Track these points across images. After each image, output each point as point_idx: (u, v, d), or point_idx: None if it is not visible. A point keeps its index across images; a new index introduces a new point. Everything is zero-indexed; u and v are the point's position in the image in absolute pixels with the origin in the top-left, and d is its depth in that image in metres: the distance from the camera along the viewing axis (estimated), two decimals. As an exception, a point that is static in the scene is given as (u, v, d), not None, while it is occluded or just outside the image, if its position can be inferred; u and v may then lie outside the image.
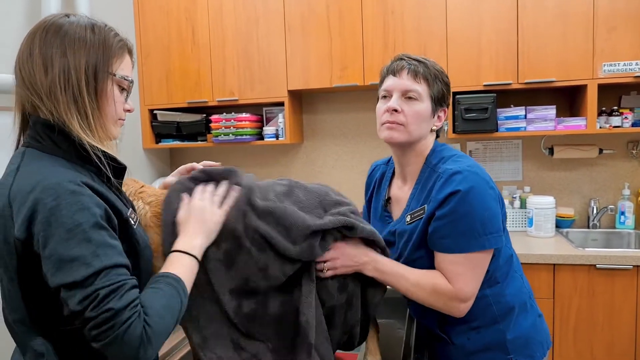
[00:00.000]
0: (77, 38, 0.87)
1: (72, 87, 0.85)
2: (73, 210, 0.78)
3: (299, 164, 3.18)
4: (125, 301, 0.76)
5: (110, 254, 0.79)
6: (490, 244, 1.15)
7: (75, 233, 0.77)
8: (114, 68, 0.91)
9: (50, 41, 0.86)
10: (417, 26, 2.59)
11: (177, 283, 0.88)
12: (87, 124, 0.87)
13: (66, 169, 0.84)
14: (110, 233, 0.82)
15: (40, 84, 0.85)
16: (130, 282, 0.80)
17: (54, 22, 0.88)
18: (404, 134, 1.23)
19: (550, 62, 2.44)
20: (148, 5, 2.98)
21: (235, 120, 2.88)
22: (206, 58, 2.90)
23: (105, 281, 0.76)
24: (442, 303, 1.17)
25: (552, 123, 2.49)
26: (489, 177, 1.19)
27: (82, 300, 0.75)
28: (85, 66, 0.86)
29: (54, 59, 0.85)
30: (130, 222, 0.91)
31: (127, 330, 0.75)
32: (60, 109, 0.85)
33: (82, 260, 0.76)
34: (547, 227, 2.51)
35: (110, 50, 0.90)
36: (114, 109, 0.92)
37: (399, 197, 1.35)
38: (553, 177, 2.80)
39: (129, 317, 0.75)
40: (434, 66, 1.26)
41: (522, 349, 1.27)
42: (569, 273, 2.22)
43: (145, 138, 3.08)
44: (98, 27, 0.90)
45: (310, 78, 2.76)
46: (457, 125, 2.53)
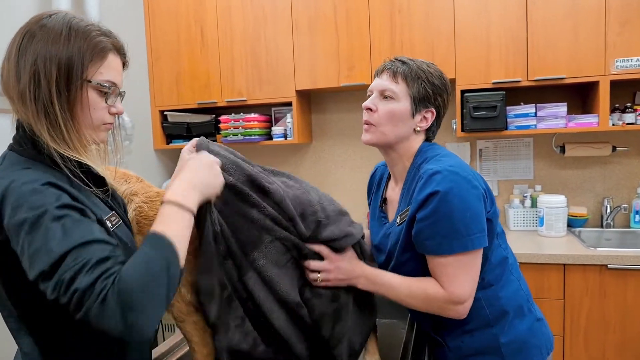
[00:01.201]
0: (51, 42, 0.83)
1: (43, 96, 0.82)
2: (35, 206, 0.76)
3: (308, 164, 3.18)
4: (90, 278, 0.71)
5: (75, 237, 0.75)
6: (473, 245, 1.13)
7: (38, 225, 0.75)
8: (89, 74, 0.86)
9: (25, 46, 0.83)
10: (424, 24, 2.57)
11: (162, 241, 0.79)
12: (60, 133, 0.84)
13: (40, 172, 0.82)
14: (77, 215, 0.78)
15: (12, 90, 0.84)
16: (97, 256, 0.74)
17: (33, 24, 0.86)
18: (375, 135, 1.25)
19: (560, 58, 2.40)
20: (158, 9, 3.02)
21: (243, 121, 2.90)
22: (215, 59, 2.93)
23: (69, 263, 0.73)
24: (438, 308, 1.16)
25: (563, 121, 2.45)
26: (473, 175, 1.16)
27: (53, 288, 0.73)
28: (56, 75, 0.82)
29: (25, 65, 0.83)
30: (106, 224, 0.87)
31: (101, 303, 0.70)
32: (30, 117, 0.83)
33: (44, 249, 0.74)
34: (558, 227, 2.47)
35: (86, 54, 0.85)
36: (89, 116, 0.87)
37: (393, 198, 1.35)
38: (565, 176, 2.75)
39: (99, 291, 0.71)
40: (420, 67, 1.23)
41: (517, 353, 1.25)
42: (580, 273, 2.18)
43: (156, 139, 3.12)
44: (76, 28, 0.86)
45: (318, 78, 2.77)
46: (466, 123, 2.50)
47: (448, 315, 1.16)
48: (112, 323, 0.70)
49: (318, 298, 1.11)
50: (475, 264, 1.16)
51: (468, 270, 1.14)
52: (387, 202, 1.39)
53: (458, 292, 1.13)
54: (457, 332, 1.26)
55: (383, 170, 1.46)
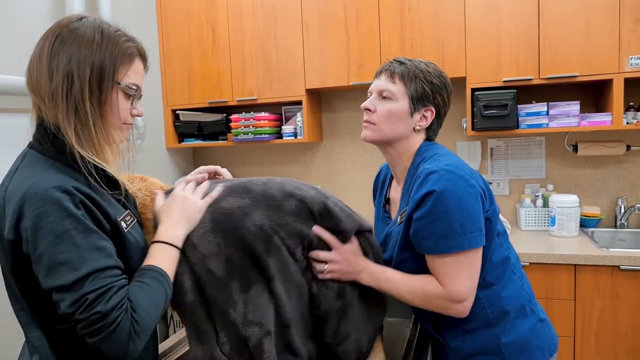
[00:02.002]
0: (85, 46, 0.87)
1: (75, 95, 0.86)
2: (61, 217, 0.80)
3: (318, 163, 3.19)
4: (112, 303, 0.80)
5: (97, 257, 0.82)
6: (470, 244, 1.12)
7: (63, 238, 0.80)
8: (119, 76, 0.90)
9: (58, 47, 0.87)
10: (434, 22, 2.56)
11: (162, 277, 0.91)
12: (88, 131, 0.88)
13: (60, 173, 0.86)
14: (99, 235, 0.84)
15: (44, 89, 0.87)
16: (118, 284, 0.83)
17: (65, 26, 0.89)
18: (375, 133, 1.26)
19: (573, 55, 2.36)
20: (170, 9, 3.06)
21: (254, 120, 2.92)
22: (226, 59, 2.95)
23: (93, 285, 0.80)
24: (438, 306, 1.16)
25: (575, 119, 2.41)
26: (470, 174, 1.16)
27: (72, 303, 0.79)
28: (89, 76, 0.87)
29: (59, 66, 0.86)
30: (121, 225, 0.92)
31: (115, 329, 0.79)
32: (59, 116, 0.87)
33: (70, 265, 0.80)
34: (570, 227, 2.44)
35: (117, 58, 0.90)
36: (117, 116, 0.92)
37: (395, 198, 1.36)
38: (578, 175, 2.71)
39: (116, 317, 0.80)
40: (417, 66, 1.24)
41: (518, 353, 1.24)
42: (591, 274, 2.15)
43: (168, 138, 3.16)
44: (107, 33, 0.90)
45: (328, 77, 2.77)
46: (476, 122, 2.49)
47: (449, 313, 1.16)
48: (117, 345, 0.81)
49: (324, 293, 1.11)
50: (474, 262, 1.16)
51: (466, 268, 1.14)
52: (390, 202, 1.40)
53: (458, 291, 1.13)
54: (458, 332, 1.26)
55: (387, 171, 1.47)
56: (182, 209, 1.01)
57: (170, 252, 0.95)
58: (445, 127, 2.89)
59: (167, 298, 0.90)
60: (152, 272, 0.90)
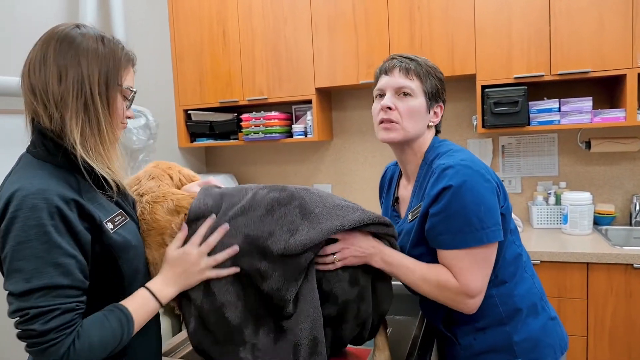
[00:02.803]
0: (90, 50, 0.92)
1: (85, 95, 0.91)
2: (29, 225, 0.81)
3: (329, 161, 3.20)
4: (51, 325, 0.80)
5: (52, 274, 0.82)
6: (488, 238, 1.12)
7: (25, 247, 0.81)
8: (121, 79, 0.96)
9: (65, 51, 0.91)
10: (444, 19, 2.54)
11: (127, 323, 0.91)
12: (97, 128, 0.93)
13: (48, 176, 0.88)
14: (63, 250, 0.84)
15: (52, 91, 0.90)
16: (65, 307, 0.83)
17: (67, 33, 0.93)
18: (400, 132, 1.23)
19: (585, 51, 2.33)
20: (182, 11, 3.09)
21: (264, 119, 2.94)
22: (236, 59, 2.98)
23: (39, 301, 0.81)
24: (448, 298, 1.15)
25: (588, 115, 2.38)
26: (485, 169, 1.16)
27: (14, 311, 0.82)
28: (98, 76, 0.92)
29: (68, 68, 0.90)
30: (105, 227, 0.92)
31: (48, 349, 0.80)
32: (66, 115, 0.90)
33: (23, 275, 0.81)
34: (583, 224, 2.40)
35: (119, 62, 0.96)
36: (119, 116, 0.98)
37: (405, 197, 1.35)
38: (592, 172, 2.67)
39: (52, 338, 0.80)
40: (426, 63, 1.26)
41: (529, 351, 1.23)
42: (604, 272, 2.12)
43: (181, 137, 3.20)
44: (107, 40, 0.96)
45: (337, 75, 2.78)
46: (487, 119, 2.47)
47: (458, 307, 1.16)
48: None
49: (338, 287, 1.10)
50: (489, 258, 1.15)
51: (481, 264, 1.14)
52: (399, 200, 1.39)
53: (471, 285, 1.12)
54: (469, 329, 1.25)
55: (394, 170, 1.47)
56: (186, 271, 1.02)
57: (151, 304, 0.97)
58: (455, 124, 2.88)
59: (120, 344, 0.90)
60: (122, 314, 0.91)
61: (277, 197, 1.08)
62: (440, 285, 1.15)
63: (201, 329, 1.04)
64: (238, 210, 1.06)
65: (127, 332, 0.91)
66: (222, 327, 1.03)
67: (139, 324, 0.94)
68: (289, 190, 1.10)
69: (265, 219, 1.05)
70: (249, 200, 1.07)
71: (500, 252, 1.21)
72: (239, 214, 1.06)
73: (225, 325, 1.03)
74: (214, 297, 1.03)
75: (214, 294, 1.03)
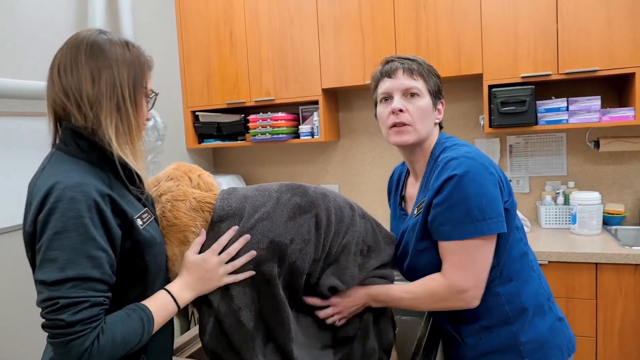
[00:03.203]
0: (119, 55, 0.98)
1: (117, 96, 0.97)
2: (67, 216, 0.85)
3: (336, 162, 3.20)
4: (79, 317, 0.82)
5: (85, 265, 0.85)
6: (490, 229, 1.11)
7: (61, 237, 0.84)
8: (145, 82, 1.03)
9: (96, 55, 0.96)
10: (450, 19, 2.54)
11: (148, 322, 0.93)
12: (129, 126, 0.99)
13: (83, 172, 0.92)
14: (97, 244, 0.87)
15: (86, 93, 0.95)
16: (94, 300, 0.85)
17: (95, 39, 0.98)
18: (413, 134, 1.24)
19: (593, 49, 2.31)
20: (189, 12, 3.12)
21: (271, 120, 2.95)
22: (243, 60, 2.99)
23: (70, 292, 0.83)
24: (445, 300, 1.16)
25: (596, 114, 2.36)
26: (489, 162, 1.16)
27: (44, 300, 0.83)
28: (127, 79, 0.98)
29: (100, 71, 0.96)
30: (136, 223, 0.97)
31: (73, 341, 0.82)
32: (101, 115, 0.95)
33: (57, 264, 0.83)
34: (592, 224, 2.38)
35: (143, 66, 1.02)
36: (143, 116, 1.04)
37: (412, 195, 1.35)
38: (601, 172, 2.65)
39: (79, 331, 0.82)
40: (425, 62, 1.28)
41: (536, 352, 1.22)
42: (613, 273, 2.10)
43: (189, 138, 3.22)
44: (131, 45, 1.02)
45: (344, 76, 2.78)
46: (493, 119, 2.46)
47: (458, 305, 1.16)
48: (68, 355, 0.82)
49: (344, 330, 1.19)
50: (487, 252, 1.15)
51: (477, 257, 1.14)
52: (406, 199, 1.40)
53: (458, 280, 1.13)
54: (475, 328, 1.25)
55: (401, 170, 1.48)
56: (204, 277, 1.05)
57: (170, 307, 1.00)
58: (462, 124, 2.87)
59: (140, 343, 0.92)
60: (143, 313, 0.94)
61: (299, 203, 1.12)
62: (432, 295, 1.17)
63: (217, 331, 1.07)
64: (263, 214, 1.09)
65: (147, 331, 0.93)
66: (236, 330, 1.06)
67: (158, 325, 0.97)
68: (310, 195, 1.14)
69: (288, 225, 1.09)
70: (273, 205, 1.10)
71: (506, 247, 1.20)
72: (264, 218, 1.09)
73: (239, 328, 1.06)
74: (231, 300, 1.06)
75: (231, 297, 1.06)
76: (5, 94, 1.97)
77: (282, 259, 1.08)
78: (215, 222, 1.08)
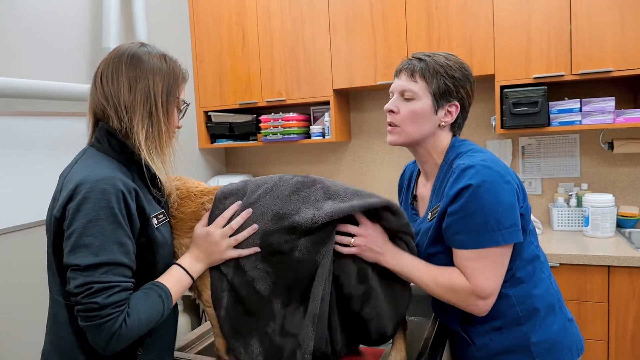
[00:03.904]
0: (155, 66, 1.07)
1: (150, 104, 1.05)
2: (99, 206, 0.92)
3: (347, 162, 3.21)
4: (111, 300, 0.89)
5: (117, 251, 0.92)
6: (505, 239, 1.11)
7: (94, 225, 0.91)
8: (178, 93, 1.11)
9: (134, 66, 1.06)
10: (462, 19, 2.53)
11: (167, 298, 1.01)
12: (158, 131, 1.06)
13: (113, 167, 1.00)
14: (125, 232, 0.95)
15: (123, 99, 1.04)
16: (123, 285, 0.92)
17: (136, 51, 1.08)
18: (400, 136, 1.26)
19: (607, 50, 2.28)
20: (202, 14, 3.15)
21: (282, 120, 2.97)
22: (255, 60, 3.02)
23: (103, 277, 0.90)
24: (460, 300, 1.15)
25: (610, 116, 2.33)
26: (505, 170, 1.15)
27: (79, 285, 0.89)
28: (161, 89, 1.07)
29: (137, 80, 1.05)
30: (152, 221, 1.04)
31: (105, 323, 0.89)
32: (134, 120, 1.04)
33: (91, 249, 0.90)
34: (605, 227, 2.36)
35: (177, 78, 1.11)
36: (173, 124, 1.12)
37: (424, 195, 1.35)
38: (615, 174, 2.61)
39: (110, 313, 0.89)
40: (437, 61, 1.23)
41: (547, 353, 1.22)
42: (626, 276, 2.08)
43: (201, 138, 3.25)
44: (168, 58, 1.11)
45: (355, 77, 2.79)
46: (505, 120, 2.44)
47: (469, 309, 1.16)
48: (100, 337, 0.90)
49: (345, 276, 1.13)
50: (503, 260, 1.15)
51: (495, 265, 1.13)
52: (417, 199, 1.40)
53: (483, 286, 1.12)
54: (486, 329, 1.25)
55: (413, 168, 1.47)
56: (208, 249, 1.11)
57: (184, 280, 1.07)
58: (474, 125, 2.86)
59: (162, 317, 1.00)
60: (160, 290, 1.01)
61: (302, 180, 1.16)
62: (453, 288, 1.15)
63: (233, 300, 1.11)
64: (265, 190, 1.14)
65: (167, 306, 1.00)
66: (253, 297, 1.10)
67: (176, 298, 1.04)
68: (312, 176, 1.18)
69: (292, 198, 1.13)
70: (275, 182, 1.16)
71: (518, 251, 1.20)
72: (267, 193, 1.14)
73: (255, 295, 1.10)
74: (244, 272, 1.11)
75: (244, 270, 1.11)
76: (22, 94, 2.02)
77: (293, 228, 1.09)
78: (220, 199, 1.15)
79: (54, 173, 2.34)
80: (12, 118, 2.07)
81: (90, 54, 2.48)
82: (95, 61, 2.49)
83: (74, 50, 2.39)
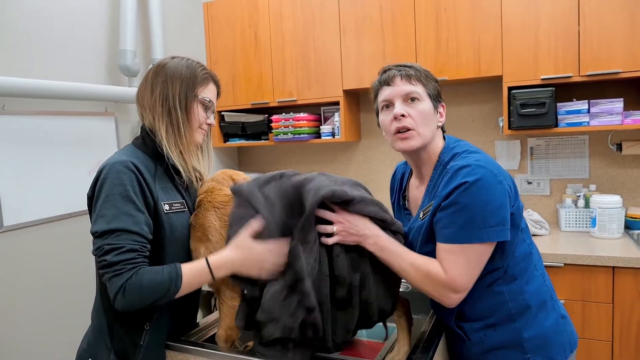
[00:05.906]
0: (176, 71, 1.24)
1: (169, 104, 1.22)
2: (114, 184, 1.11)
3: (356, 162, 3.25)
4: (118, 258, 1.06)
5: (126, 220, 1.09)
6: (489, 237, 1.14)
7: (110, 199, 1.10)
8: (198, 92, 1.25)
9: (158, 73, 1.25)
10: (470, 21, 2.55)
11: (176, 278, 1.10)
12: (178, 129, 1.22)
13: (135, 157, 1.19)
14: (136, 206, 1.11)
15: (147, 100, 1.24)
16: (129, 246, 1.08)
17: (163, 61, 1.27)
18: (417, 139, 1.26)
19: (615, 51, 2.28)
20: (216, 15, 3.23)
21: (293, 120, 3.03)
22: (267, 61, 3.08)
23: (113, 240, 1.07)
24: (433, 289, 1.18)
25: (618, 117, 2.33)
26: (498, 170, 1.18)
27: (96, 248, 1.09)
28: (179, 89, 1.23)
29: (159, 84, 1.23)
30: (161, 205, 1.18)
31: (113, 277, 1.06)
32: (156, 118, 1.22)
33: (105, 218, 1.09)
34: (612, 228, 2.36)
35: (196, 80, 1.25)
36: (197, 120, 1.25)
37: (416, 197, 1.38)
38: (623, 175, 2.61)
39: (118, 269, 1.06)
40: (422, 68, 1.30)
41: (539, 349, 1.25)
42: (631, 277, 2.08)
43: (215, 138, 3.33)
44: (189, 62, 1.27)
45: (364, 77, 2.83)
46: (513, 121, 2.46)
47: (440, 300, 1.19)
48: (111, 289, 1.07)
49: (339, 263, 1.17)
50: (481, 257, 1.18)
51: (472, 261, 1.16)
52: (409, 199, 1.43)
53: (458, 281, 1.16)
54: (480, 325, 1.28)
55: (404, 169, 1.51)
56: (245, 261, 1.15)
57: (204, 276, 1.14)
58: (482, 125, 2.87)
59: (167, 293, 1.09)
60: (174, 270, 1.11)
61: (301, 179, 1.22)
62: (429, 276, 1.17)
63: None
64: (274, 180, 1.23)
65: (175, 286, 1.09)
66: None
67: (188, 285, 1.12)
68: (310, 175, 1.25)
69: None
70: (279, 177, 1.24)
71: (510, 249, 1.23)
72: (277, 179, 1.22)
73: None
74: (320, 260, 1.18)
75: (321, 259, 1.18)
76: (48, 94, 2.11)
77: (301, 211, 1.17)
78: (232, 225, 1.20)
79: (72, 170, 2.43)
80: (36, 117, 2.17)
81: (108, 56, 2.57)
82: (113, 63, 2.59)
83: (93, 53, 2.48)
